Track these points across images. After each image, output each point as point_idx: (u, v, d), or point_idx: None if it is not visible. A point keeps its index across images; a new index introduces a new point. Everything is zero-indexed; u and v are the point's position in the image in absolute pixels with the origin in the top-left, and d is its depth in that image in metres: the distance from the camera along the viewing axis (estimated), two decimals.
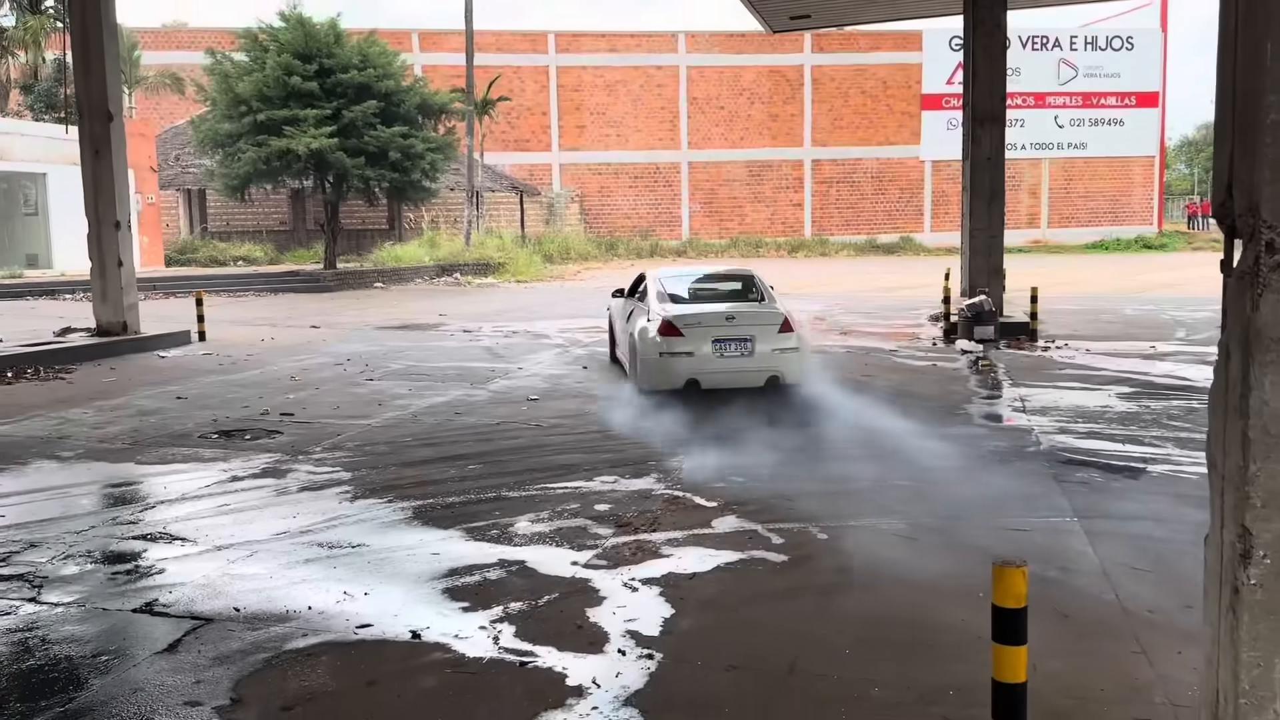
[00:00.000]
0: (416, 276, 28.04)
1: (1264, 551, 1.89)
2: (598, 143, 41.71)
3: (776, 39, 39.36)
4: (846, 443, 7.80)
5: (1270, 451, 1.88)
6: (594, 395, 10.06)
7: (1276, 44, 1.81)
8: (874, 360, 12.47)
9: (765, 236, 41.91)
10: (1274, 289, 1.86)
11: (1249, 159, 1.87)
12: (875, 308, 19.37)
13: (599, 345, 14.01)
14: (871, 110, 43.24)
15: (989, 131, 15.16)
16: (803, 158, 43.13)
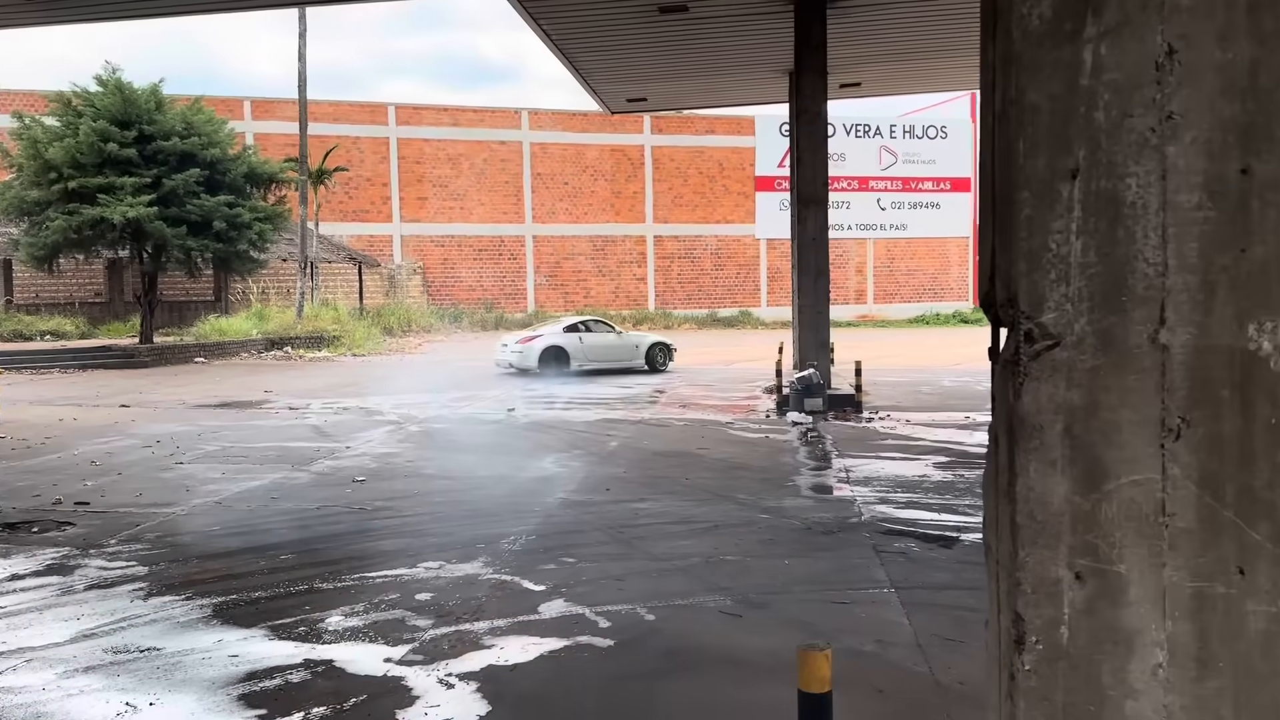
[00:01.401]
0: (243, 350, 26.80)
1: (1036, 637, 1.91)
2: (440, 214, 41.40)
3: (617, 119, 40.41)
4: (679, 518, 7.79)
5: (1037, 537, 1.91)
6: (427, 474, 9.73)
7: (1028, 143, 1.90)
8: (710, 433, 12.63)
9: (610, 309, 42.33)
10: (1034, 378, 1.91)
11: (1007, 251, 1.94)
12: (714, 380, 19.75)
13: (437, 421, 13.67)
14: (709, 190, 44.78)
15: (814, 213, 15.87)
16: (645, 233, 44.08)
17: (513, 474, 9.67)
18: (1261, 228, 1.84)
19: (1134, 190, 1.86)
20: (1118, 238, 1.87)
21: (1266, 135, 1.83)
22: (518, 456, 10.69)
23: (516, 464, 10.22)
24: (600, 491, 8.82)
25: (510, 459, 10.53)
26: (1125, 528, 1.89)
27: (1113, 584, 1.89)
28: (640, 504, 8.34)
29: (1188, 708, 1.88)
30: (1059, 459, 1.90)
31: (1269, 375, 1.86)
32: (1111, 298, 1.88)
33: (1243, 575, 1.87)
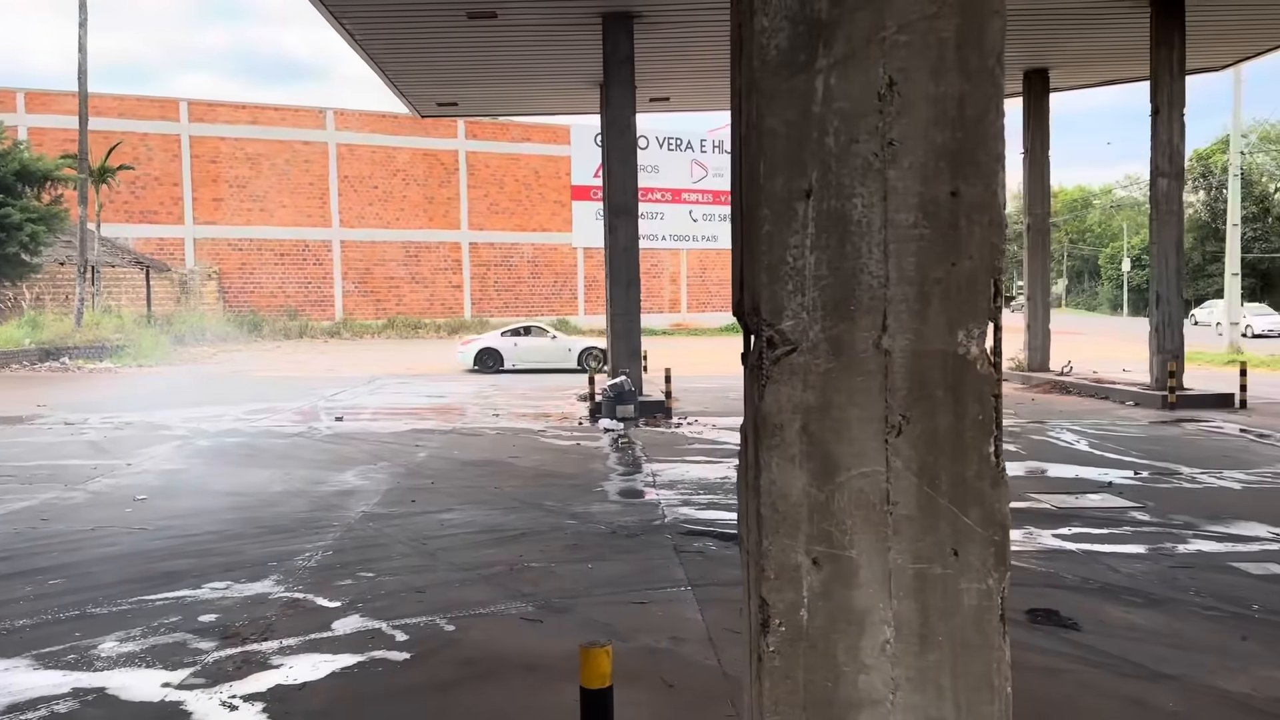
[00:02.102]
0: (13, 362, 24.57)
1: (779, 620, 2.06)
2: (238, 217, 39.38)
3: (430, 123, 39.74)
4: (485, 528, 7.76)
5: (779, 527, 2.06)
6: (216, 491, 9.25)
7: (767, 164, 2.05)
8: (522, 441, 12.63)
9: (424, 318, 41.56)
10: (775, 380, 2.06)
11: (751, 265, 2.09)
12: (530, 388, 19.73)
13: (230, 436, 13.01)
14: (526, 197, 44.72)
15: (624, 223, 16.16)
16: (461, 240, 43.51)
17: (311, 489, 9.34)
18: (969, 244, 2.07)
19: (860, 209, 2.05)
20: (846, 252, 2.05)
21: (972, 161, 2.06)
22: (317, 470, 10.33)
23: (316, 478, 9.88)
24: (405, 504, 8.66)
25: (309, 473, 10.16)
26: (855, 516, 2.07)
27: (845, 568, 2.07)
28: (446, 515, 8.25)
29: (912, 679, 2.08)
30: (797, 454, 2.06)
31: (977, 377, 2.08)
32: (841, 307, 2.06)
33: (957, 556, 2.09)
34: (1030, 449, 11.57)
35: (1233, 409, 15.37)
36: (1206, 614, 5.63)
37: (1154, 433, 13.05)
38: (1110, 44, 17.74)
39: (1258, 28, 17.13)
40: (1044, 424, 13.85)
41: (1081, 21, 16.58)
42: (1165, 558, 6.84)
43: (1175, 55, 15.93)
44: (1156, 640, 5.19)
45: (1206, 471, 10.06)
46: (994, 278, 2.08)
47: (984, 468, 2.09)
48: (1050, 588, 6.13)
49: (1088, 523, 7.88)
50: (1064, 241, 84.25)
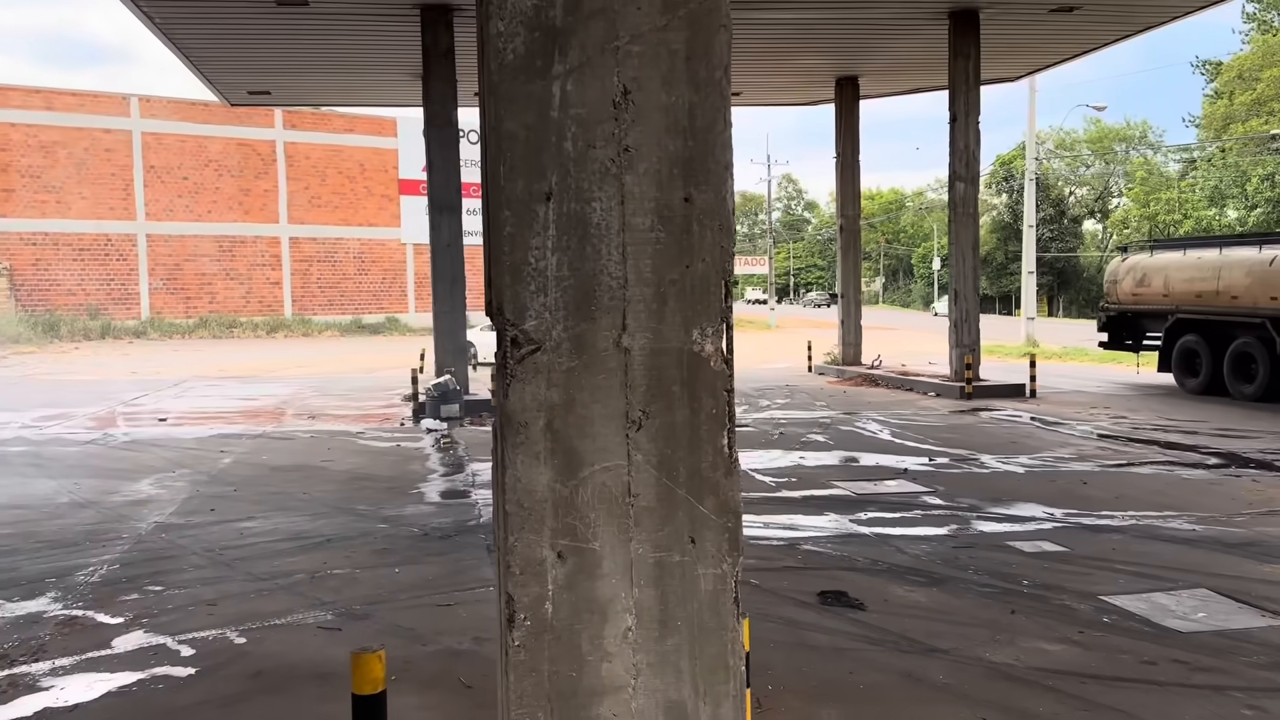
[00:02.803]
0: None
1: (524, 615, 2.10)
2: (31, 209, 36.38)
3: (245, 112, 37.91)
4: (289, 535, 7.50)
5: (524, 523, 2.11)
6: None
7: (508, 167, 2.08)
8: (339, 444, 12.25)
9: (240, 316, 39.61)
10: (520, 379, 2.10)
11: (497, 265, 2.12)
12: (351, 389, 19.14)
13: (13, 444, 12.03)
14: (350, 191, 43.29)
15: (447, 220, 15.93)
16: (280, 234, 41.68)
17: (101, 499, 8.77)
18: (701, 248, 2.17)
19: (599, 213, 2.11)
20: (586, 254, 2.11)
21: (703, 169, 2.16)
22: (110, 479, 9.70)
23: (107, 488, 9.27)
24: (204, 513, 8.25)
25: (100, 483, 9.53)
26: (599, 509, 2.13)
27: (589, 560, 2.13)
28: (247, 523, 7.91)
29: (653, 664, 2.17)
30: (542, 451, 2.11)
31: (711, 373, 2.19)
32: (583, 307, 2.12)
33: (694, 544, 2.19)
34: (838, 439, 12.15)
35: (1023, 398, 16.61)
36: (981, 590, 6.08)
37: (951, 421, 13.95)
38: (914, 54, 18.81)
39: (1048, 42, 18.53)
40: (852, 415, 14.56)
41: (888, 32, 17.52)
42: (949, 539, 7.34)
43: (971, 66, 17.07)
44: (934, 617, 5.57)
45: (994, 457, 10.84)
46: (725, 279, 2.19)
47: (718, 459, 2.19)
48: (843, 570, 6.47)
49: (883, 508, 8.35)
50: (880, 242, 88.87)
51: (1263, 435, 12.19)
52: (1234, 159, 49.00)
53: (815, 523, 7.83)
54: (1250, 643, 5.09)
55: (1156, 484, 9.26)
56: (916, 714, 4.25)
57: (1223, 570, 6.41)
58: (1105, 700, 4.38)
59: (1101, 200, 70.01)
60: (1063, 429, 12.99)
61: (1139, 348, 18.67)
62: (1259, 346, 15.22)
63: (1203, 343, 16.43)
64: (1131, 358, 19.93)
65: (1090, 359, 24.17)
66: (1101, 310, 19.47)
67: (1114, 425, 13.25)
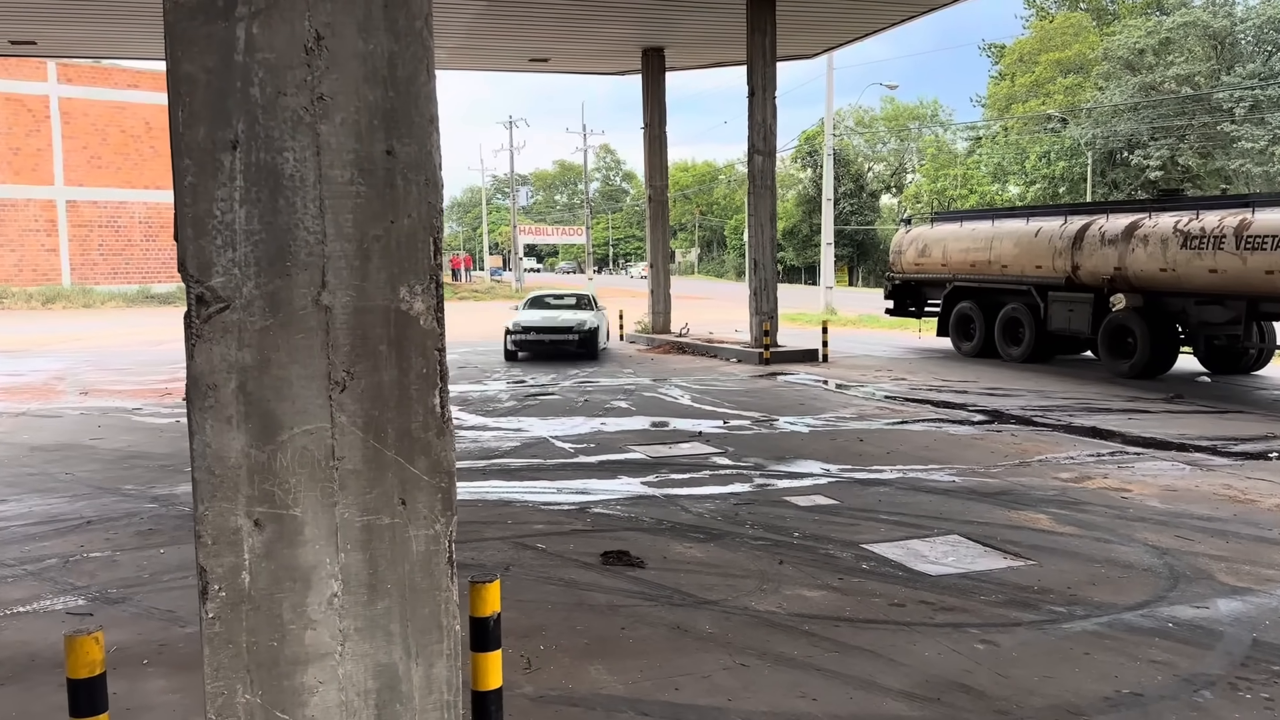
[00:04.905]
0: None
1: (219, 585, 2.02)
2: None
3: (12, 64, 34.52)
4: (44, 519, 6.94)
5: (216, 491, 2.01)
6: None
7: (187, 112, 1.96)
8: (111, 421, 11.42)
9: (12, 286, 36.22)
10: (207, 339, 2.00)
11: (181, 218, 1.99)
12: (133, 363, 17.86)
13: None
14: (135, 151, 40.23)
15: None
16: (55, 197, 38.31)
17: None
18: (407, 203, 2.12)
19: (292, 164, 2.02)
20: (279, 207, 2.02)
21: (406, 121, 2.10)
22: None
23: None
24: None
25: None
26: (299, 474, 2.06)
27: (289, 527, 2.06)
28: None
29: (361, 629, 2.12)
30: (234, 415, 2.01)
31: (420, 331, 2.15)
32: (277, 263, 2.03)
33: (405, 506, 2.15)
34: (640, 404, 12.36)
35: (817, 362, 17.42)
36: (755, 544, 6.34)
37: (748, 386, 14.46)
38: (715, 28, 19.19)
39: (843, 20, 19.30)
40: (658, 382, 14.85)
41: (689, 3, 17.77)
42: (732, 496, 7.61)
43: (768, 41, 17.58)
44: (708, 571, 5.77)
45: (784, 418, 11.32)
46: (434, 236, 2.15)
47: (430, 419, 2.16)
48: (629, 531, 6.60)
49: (674, 469, 8.57)
50: (695, 213, 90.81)
51: (1025, 394, 13.28)
52: (1015, 137, 52.89)
53: (608, 486, 7.94)
54: (990, 583, 5.55)
55: (926, 440, 9.93)
56: (681, 664, 4.39)
57: (975, 517, 6.95)
58: (855, 641, 4.67)
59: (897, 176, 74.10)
60: (848, 391, 13.72)
61: (921, 314, 19.93)
62: (1026, 312, 16.54)
63: (977, 309, 17.71)
64: (915, 323, 21.26)
65: (881, 325, 25.61)
66: (887, 279, 20.63)
67: (894, 386, 14.11)
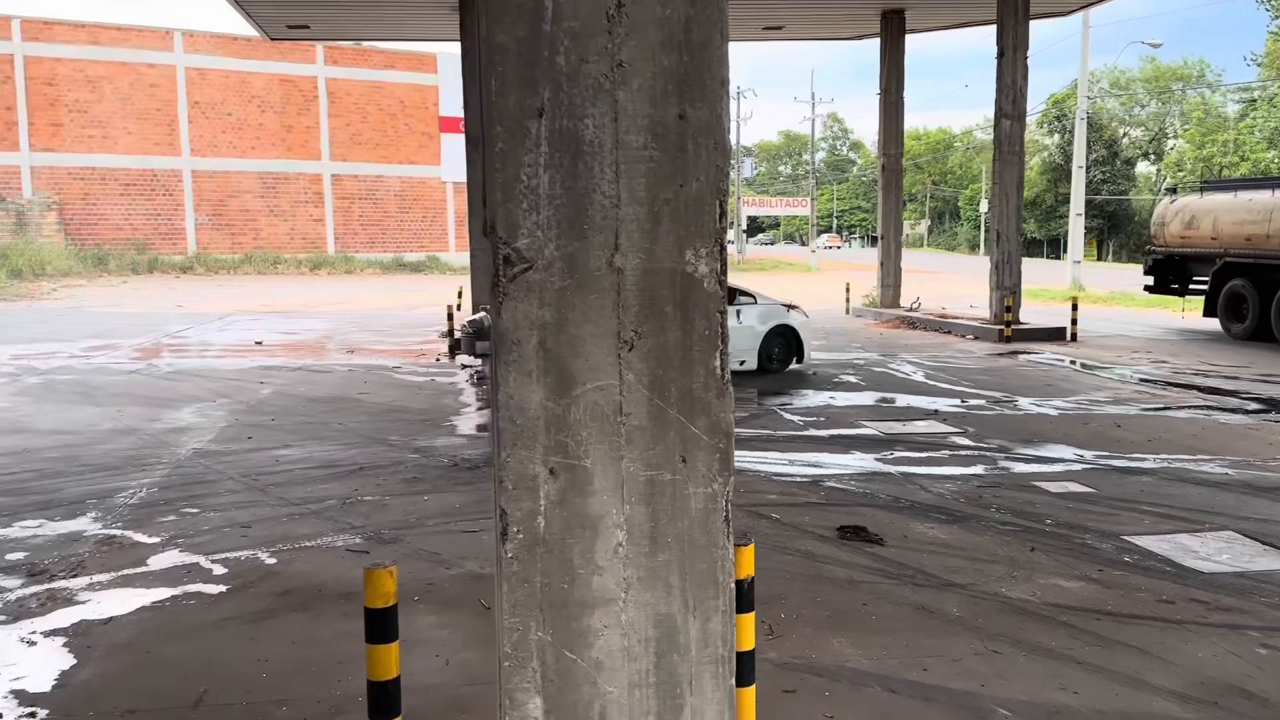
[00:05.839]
0: None
1: (517, 528, 2.14)
2: (79, 144, 36.85)
3: (287, 48, 37.89)
4: (323, 463, 7.66)
5: (517, 439, 2.13)
6: (40, 430, 8.81)
7: (499, 81, 2.07)
8: (374, 377, 12.43)
9: (284, 252, 40.02)
10: (512, 297, 2.11)
11: (490, 183, 2.12)
12: (390, 325, 19.35)
13: (61, 372, 12.35)
14: (391, 128, 43.26)
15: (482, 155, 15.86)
16: (322, 171, 41.87)
17: (143, 426, 9.01)
18: (696, 166, 2.15)
19: (591, 130, 2.10)
20: (579, 172, 2.10)
21: (699, 85, 2.13)
22: (152, 408, 9.95)
23: (149, 415, 9.52)
24: (241, 440, 8.45)
25: (143, 410, 9.78)
26: (590, 427, 2.16)
27: (580, 477, 2.16)
28: (283, 450, 8.10)
29: (643, 579, 2.20)
30: (534, 369, 2.13)
31: (703, 294, 2.18)
32: (575, 226, 2.12)
33: (685, 463, 2.21)
34: (870, 380, 12.08)
35: (1064, 341, 16.36)
36: (1002, 528, 6.07)
37: (987, 364, 13.80)
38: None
39: None
40: (887, 357, 14.45)
41: None
42: (975, 478, 7.31)
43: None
44: (952, 553, 5.58)
45: (1029, 399, 10.73)
46: (719, 199, 2.17)
47: (710, 380, 2.20)
48: (864, 507, 6.48)
49: (910, 447, 8.33)
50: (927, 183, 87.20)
51: None
52: None
53: (840, 461, 7.83)
54: (1272, 584, 5.05)
55: (1192, 428, 9.12)
56: (928, 645, 4.28)
57: (1252, 513, 6.34)
58: (1119, 636, 4.38)
59: (1156, 142, 67.97)
60: (1101, 373, 12.80)
61: (1185, 292, 18.26)
62: None
63: (1251, 287, 16.02)
64: (1177, 302, 19.51)
65: (1136, 304, 23.69)
66: (1147, 253, 19.04)
67: (1154, 369, 13.03)
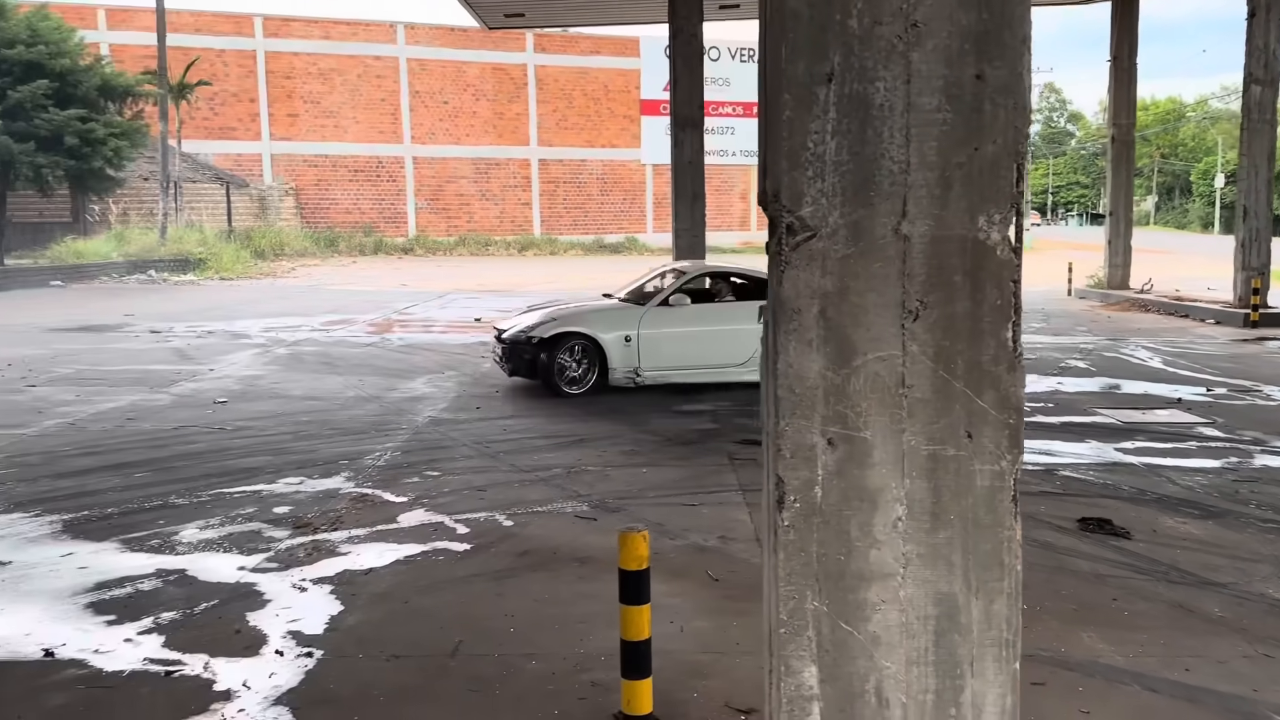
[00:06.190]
0: (102, 274, 25.55)
1: (794, 496, 2.14)
2: (313, 133, 39.86)
3: (499, 37, 39.46)
4: (546, 434, 7.97)
5: (795, 408, 2.13)
6: (292, 396, 9.63)
7: (789, 48, 2.05)
8: None
9: (494, 235, 41.86)
10: (794, 265, 2.10)
11: (774, 151, 2.11)
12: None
13: (306, 344, 13.43)
14: (595, 113, 44.29)
15: (689, 136, 15.98)
16: (530, 157, 43.44)
17: (382, 394, 9.67)
18: (992, 128, 2.06)
19: (882, 94, 2.05)
20: (867, 137, 2.06)
21: (998, 43, 2.04)
22: (388, 378, 10.66)
23: (386, 385, 10.20)
24: (470, 410, 8.92)
25: (380, 380, 10.50)
26: (870, 399, 2.12)
27: (859, 448, 2.13)
28: (509, 421, 8.48)
29: (923, 555, 2.15)
30: (814, 338, 2.11)
31: (996, 262, 2.10)
32: (861, 193, 2.08)
33: (970, 439, 2.13)
34: (1101, 365, 11.34)
35: None
36: (1264, 526, 5.56)
37: (1232, 350, 12.66)
38: None
39: None
40: (1117, 341, 13.52)
41: None
42: (1229, 472, 6.73)
43: None
44: (1209, 550, 5.16)
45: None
46: (1017, 162, 2.07)
47: (1001, 352, 2.11)
48: (1106, 498, 6.10)
49: (1152, 437, 7.76)
50: (1155, 156, 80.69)
51: None
52: None
53: (1074, 449, 7.40)
54: None
55: None
56: (1188, 645, 3.99)
57: None
58: None
59: None
60: None
61: None
62: None
63: None
64: None
65: None
66: None
67: None
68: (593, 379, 9.45)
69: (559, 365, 9.36)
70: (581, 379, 9.45)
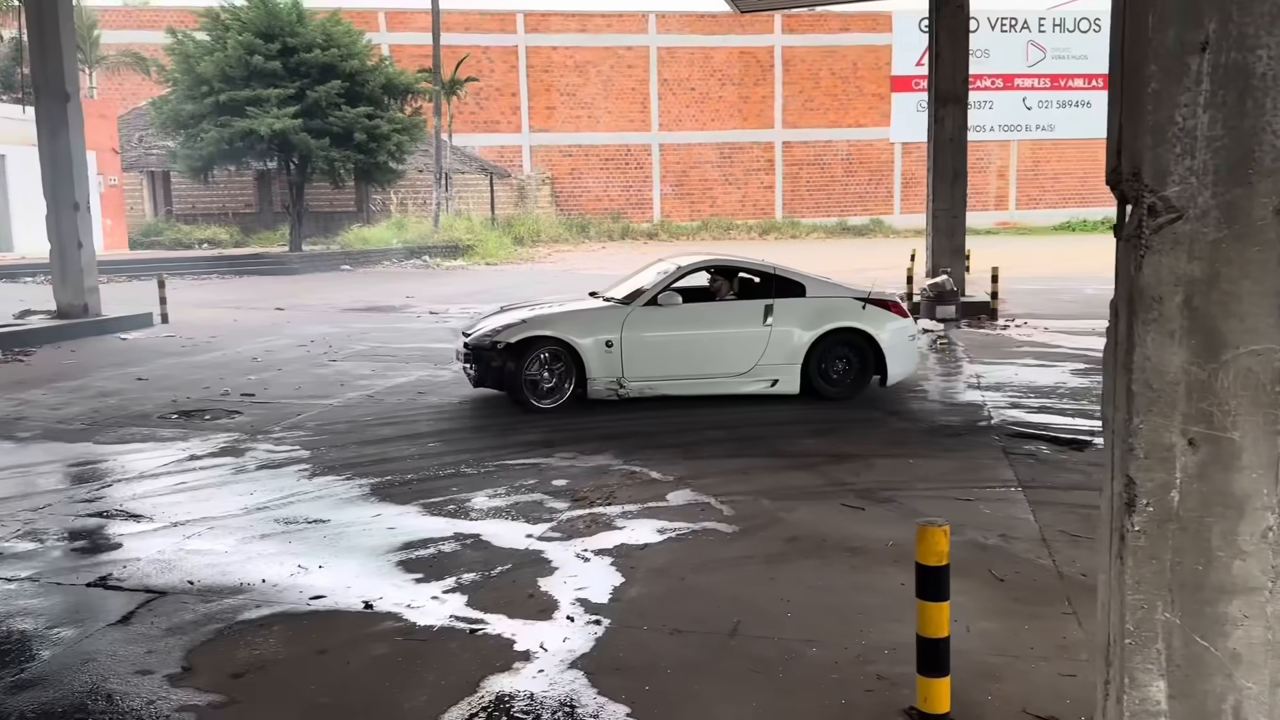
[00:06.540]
0: (384, 259, 27.92)
1: (1146, 500, 2.00)
2: (568, 124, 41.55)
3: (746, 20, 39.40)
4: (802, 420, 7.92)
5: (1152, 405, 1.98)
6: None
7: (1157, 16, 1.90)
8: None
9: (736, 219, 42.00)
10: (1155, 250, 1.95)
11: (1133, 126, 1.97)
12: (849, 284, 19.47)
13: None
14: (842, 92, 43.33)
15: (951, 112, 15.30)
16: (773, 140, 43.18)
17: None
18: None
19: (1265, 62, 1.86)
20: (1246, 110, 1.88)
21: None
22: None
23: None
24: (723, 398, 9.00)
25: None
26: (1241, 396, 1.94)
27: (1225, 450, 1.96)
28: (760, 409, 8.49)
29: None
30: (1177, 330, 1.96)
31: None
32: (1237, 171, 1.90)
33: None
34: None
35: None
36: None
37: None
38: None
39: None
40: None
41: None
42: None
43: None
44: None
45: None
46: None
47: None
48: None
49: None
50: None
51: None
52: None
53: None
54: None
55: None
56: None
57: None
58: None
59: None
60: None
61: None
62: None
63: None
64: None
65: None
66: None
67: None
68: (569, 390, 8.26)
69: (528, 377, 8.16)
70: (556, 390, 8.27)
